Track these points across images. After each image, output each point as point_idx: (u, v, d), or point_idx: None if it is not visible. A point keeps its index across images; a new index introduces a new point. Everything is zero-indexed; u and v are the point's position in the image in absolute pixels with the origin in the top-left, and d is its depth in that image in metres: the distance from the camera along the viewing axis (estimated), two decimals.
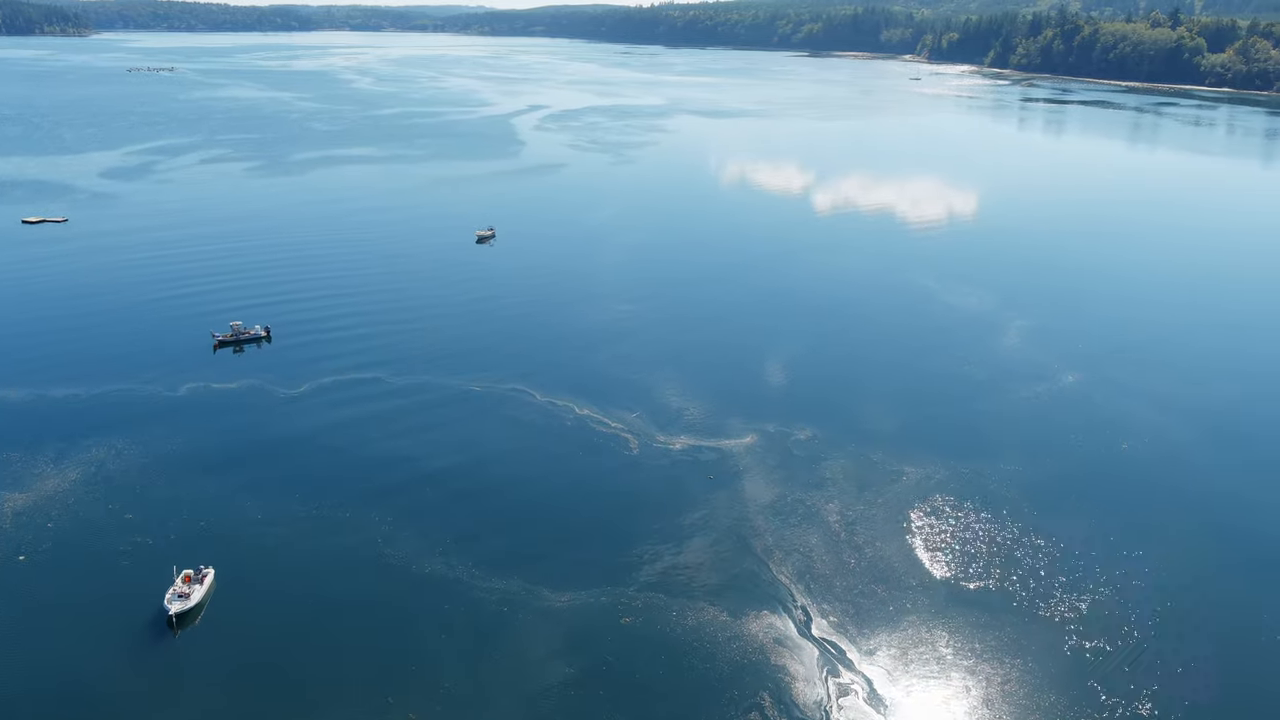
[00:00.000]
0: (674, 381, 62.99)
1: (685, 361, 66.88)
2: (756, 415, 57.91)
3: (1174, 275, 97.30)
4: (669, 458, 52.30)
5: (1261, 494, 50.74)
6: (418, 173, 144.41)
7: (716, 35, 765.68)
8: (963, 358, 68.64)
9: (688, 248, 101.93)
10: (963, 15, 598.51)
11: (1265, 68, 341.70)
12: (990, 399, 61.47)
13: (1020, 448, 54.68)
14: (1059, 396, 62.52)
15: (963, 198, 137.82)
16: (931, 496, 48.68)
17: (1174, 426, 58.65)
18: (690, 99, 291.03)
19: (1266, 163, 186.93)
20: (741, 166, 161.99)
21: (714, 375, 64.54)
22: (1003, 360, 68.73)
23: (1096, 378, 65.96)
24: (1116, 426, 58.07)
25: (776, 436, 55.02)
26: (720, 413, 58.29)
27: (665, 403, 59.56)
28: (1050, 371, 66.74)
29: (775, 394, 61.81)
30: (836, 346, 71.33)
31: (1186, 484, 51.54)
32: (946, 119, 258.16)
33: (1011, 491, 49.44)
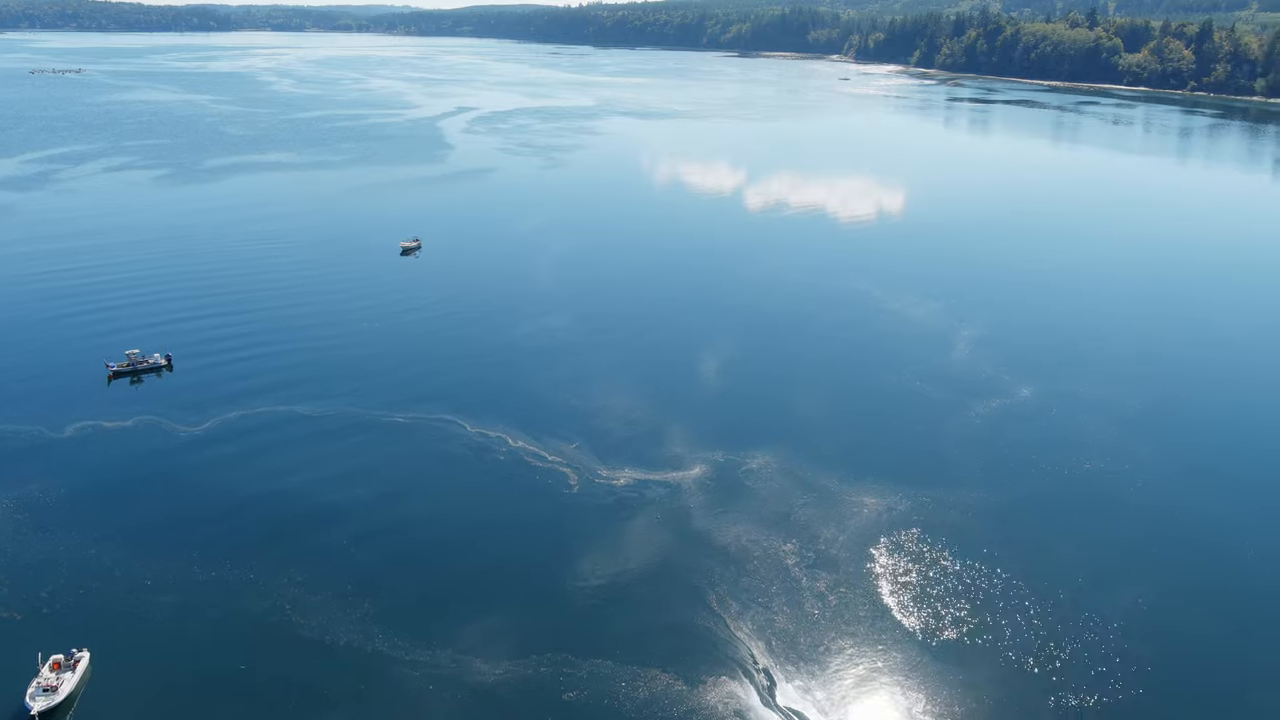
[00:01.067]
0: (615, 405, 58.85)
1: (626, 382, 62.79)
2: (704, 441, 54.08)
3: (1109, 273, 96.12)
4: (613, 495, 48.09)
5: (1231, 508, 48.57)
6: (339, 179, 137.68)
7: (645, 35, 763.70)
8: (914, 372, 65.75)
9: (623, 256, 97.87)
10: (888, 15, 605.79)
11: (1179, 67, 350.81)
12: (946, 417, 58.55)
13: (981, 471, 51.79)
14: (1015, 412, 59.96)
15: (897, 200, 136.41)
16: (895, 531, 45.34)
17: (1133, 440, 56.42)
18: (621, 100, 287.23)
19: (1183, 160, 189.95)
20: (675, 169, 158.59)
21: (657, 396, 60.55)
22: (954, 374, 66.03)
23: (1050, 390, 63.65)
24: (1077, 443, 55.62)
25: (726, 466, 51.22)
26: (666, 440, 54.33)
27: (607, 430, 55.38)
28: (1004, 385, 64.24)
29: (722, 416, 58.02)
30: (782, 362, 67.85)
31: (1155, 504, 49.11)
32: (877, 119, 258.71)
33: (977, 522, 46.38)
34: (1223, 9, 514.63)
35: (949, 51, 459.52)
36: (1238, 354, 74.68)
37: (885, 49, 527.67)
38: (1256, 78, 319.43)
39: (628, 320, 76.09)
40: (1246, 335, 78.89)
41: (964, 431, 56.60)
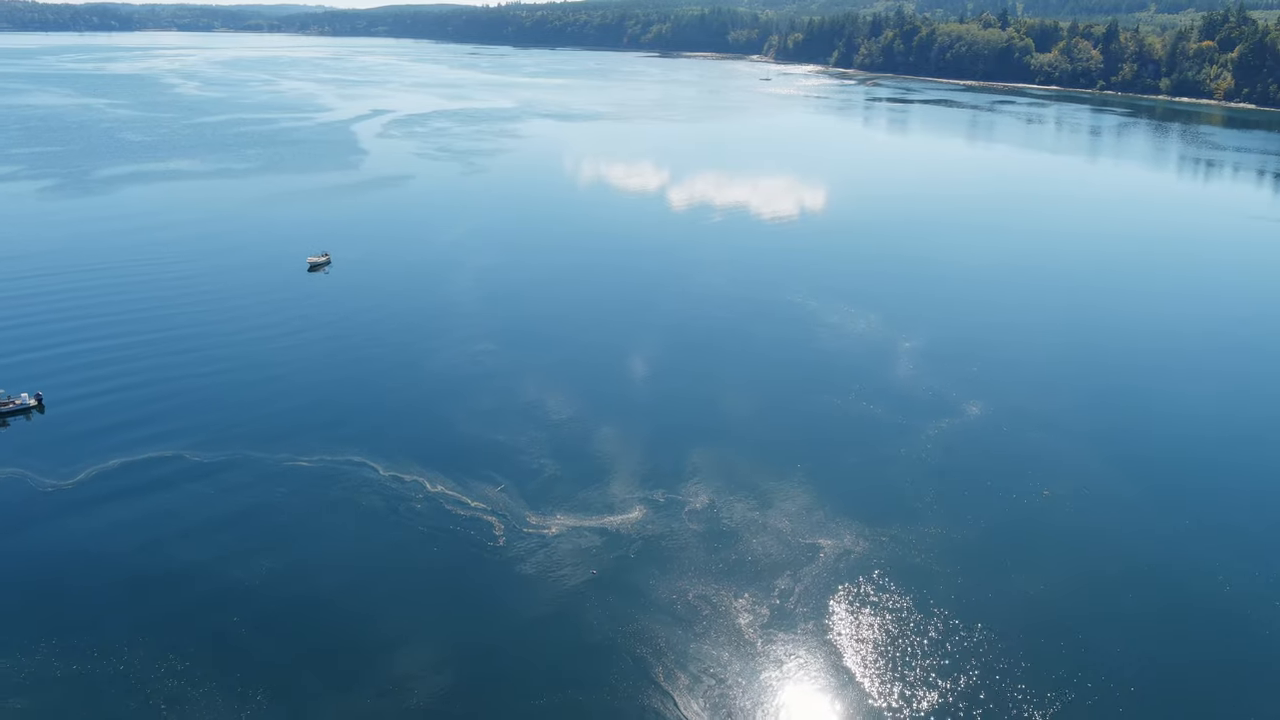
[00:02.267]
0: (544, 439, 54.04)
1: (555, 411, 58.00)
2: (642, 478, 49.70)
3: (1033, 272, 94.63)
4: (544, 547, 43.32)
5: (1190, 530, 46.06)
6: (243, 189, 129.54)
7: (565, 35, 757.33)
8: (859, 392, 62.38)
9: (550, 269, 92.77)
10: (806, 16, 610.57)
11: (1088, 67, 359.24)
12: (896, 443, 55.17)
13: (938, 503, 48.43)
14: (966, 434, 56.92)
15: (825, 203, 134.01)
16: (854, 580, 41.55)
17: (1083, 459, 53.85)
18: (542, 101, 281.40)
19: (1096, 157, 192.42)
20: (600, 174, 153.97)
21: (590, 427, 55.95)
22: (900, 392, 62.85)
23: (997, 406, 60.91)
24: (1032, 467, 52.77)
25: (668, 508, 46.89)
26: (601, 477, 49.77)
27: (536, 468, 50.55)
28: (951, 402, 61.27)
29: (661, 448, 53.66)
30: (722, 387, 63.75)
31: (1115, 532, 46.31)
32: (800, 120, 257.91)
33: (940, 564, 42.90)
34: (1123, 10, 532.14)
35: (867, 52, 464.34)
36: (1169, 348, 73.49)
37: (804, 49, 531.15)
38: (1161, 77, 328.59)
39: (556, 341, 71.20)
40: (1173, 327, 77.83)
41: (916, 458, 53.24)
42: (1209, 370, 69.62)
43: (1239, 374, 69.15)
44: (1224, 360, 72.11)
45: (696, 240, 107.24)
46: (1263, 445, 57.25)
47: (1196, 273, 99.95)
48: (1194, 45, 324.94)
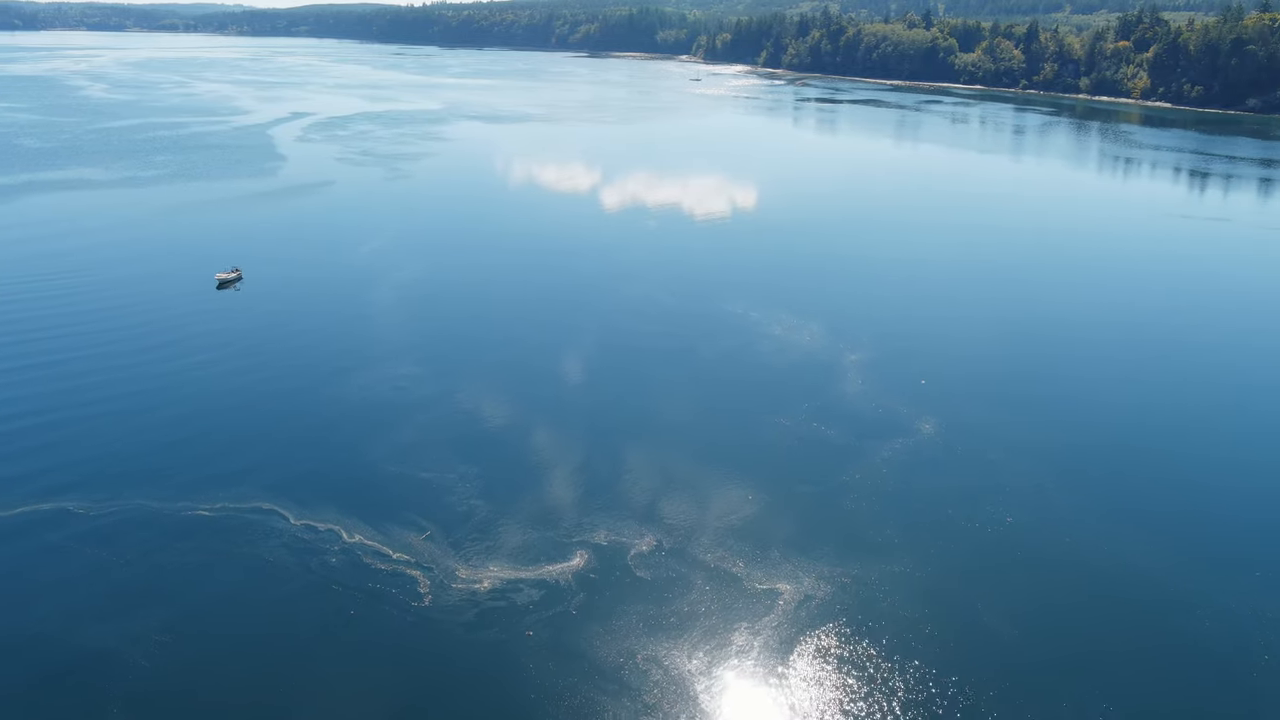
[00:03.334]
0: (474, 475, 49.64)
1: (486, 443, 53.64)
2: (582, 518, 45.68)
3: (975, 276, 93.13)
4: (474, 606, 39.02)
5: (1165, 559, 43.77)
6: (149, 198, 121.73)
7: (492, 36, 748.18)
8: (808, 412, 59.23)
9: (478, 283, 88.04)
10: (733, 16, 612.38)
11: (1010, 66, 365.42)
12: (850, 467, 52.06)
13: (899, 536, 45.38)
14: (921, 455, 54.10)
15: (760, 207, 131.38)
16: (817, 628, 38.15)
17: (1041, 477, 51.43)
18: (469, 103, 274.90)
19: (1021, 156, 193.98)
20: (530, 178, 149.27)
21: (522, 461, 51.72)
22: (850, 411, 59.88)
23: (950, 422, 58.32)
24: (990, 491, 50.11)
25: (612, 552, 42.95)
26: (536, 519, 45.61)
27: (464, 511, 46.15)
28: (903, 420, 58.50)
29: (601, 483, 49.71)
30: (663, 410, 59.98)
31: (1088, 564, 43.78)
32: (731, 120, 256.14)
33: (906, 609, 39.74)
34: (1040, 10, 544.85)
35: (795, 52, 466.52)
36: (1106, 349, 71.86)
37: (733, 49, 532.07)
38: (1080, 76, 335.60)
39: (485, 363, 66.66)
40: (1108, 327, 76.32)
41: (872, 485, 50.16)
42: (1152, 371, 68.24)
43: (1185, 373, 67.88)
44: (1167, 361, 70.92)
45: (632, 248, 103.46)
46: (1221, 448, 55.67)
47: (1129, 271, 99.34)
48: (1111, 45, 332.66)
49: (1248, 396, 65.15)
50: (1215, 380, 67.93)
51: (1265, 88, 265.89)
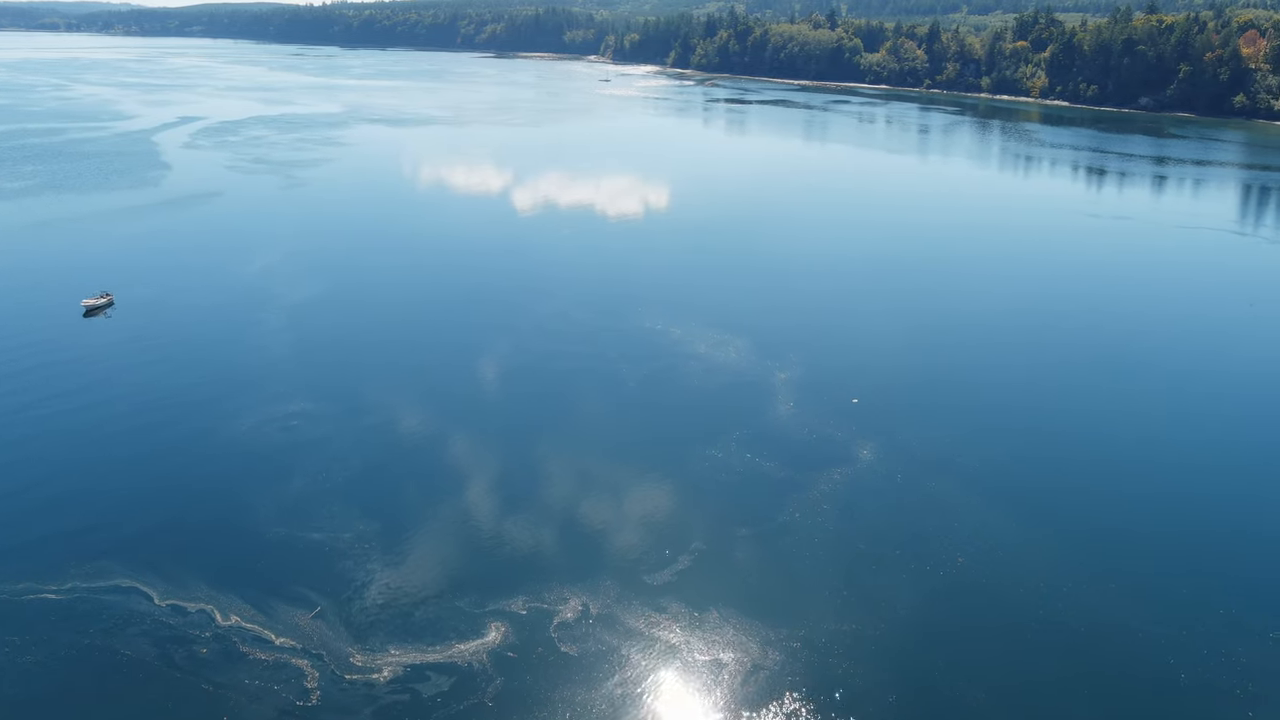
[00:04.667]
0: (373, 535, 43.94)
1: (386, 495, 47.91)
2: (497, 582, 40.52)
3: (895, 279, 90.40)
4: (372, 701, 33.53)
5: (1125, 597, 40.84)
6: (12, 213, 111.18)
7: (396, 36, 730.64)
8: (739, 440, 55.10)
9: (375, 300, 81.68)
10: (640, 16, 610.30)
11: (914, 66, 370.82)
12: (788, 505, 48.02)
13: (847, 586, 41.45)
14: (861, 486, 50.43)
15: (675, 212, 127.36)
16: (767, 707, 33.77)
17: (990, 510, 48.29)
18: (371, 105, 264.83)
19: (931, 155, 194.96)
20: (434, 185, 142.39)
21: (428, 514, 46.20)
22: (784, 438, 55.96)
23: (887, 447, 54.96)
24: (936, 526, 46.67)
25: (531, 622, 37.89)
26: (444, 585, 40.27)
27: (362, 580, 40.48)
28: (839, 447, 54.86)
29: (516, 536, 44.58)
30: (580, 443, 55.08)
31: (1046, 607, 40.54)
32: (642, 122, 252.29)
33: (862, 675, 35.74)
34: (939, 11, 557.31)
35: (703, 52, 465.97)
36: (1031, 352, 69.83)
37: (641, 49, 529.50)
38: (982, 76, 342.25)
39: (388, 398, 60.57)
40: (1029, 326, 74.51)
41: (812, 525, 46.21)
42: (1078, 374, 66.28)
43: (1113, 374, 65.95)
44: (1091, 363, 68.93)
45: (545, 260, 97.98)
46: (1167, 451, 53.53)
47: (1045, 272, 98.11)
48: (1009, 46, 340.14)
49: (1188, 397, 63.49)
50: (1148, 380, 66.27)
51: (1156, 87, 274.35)
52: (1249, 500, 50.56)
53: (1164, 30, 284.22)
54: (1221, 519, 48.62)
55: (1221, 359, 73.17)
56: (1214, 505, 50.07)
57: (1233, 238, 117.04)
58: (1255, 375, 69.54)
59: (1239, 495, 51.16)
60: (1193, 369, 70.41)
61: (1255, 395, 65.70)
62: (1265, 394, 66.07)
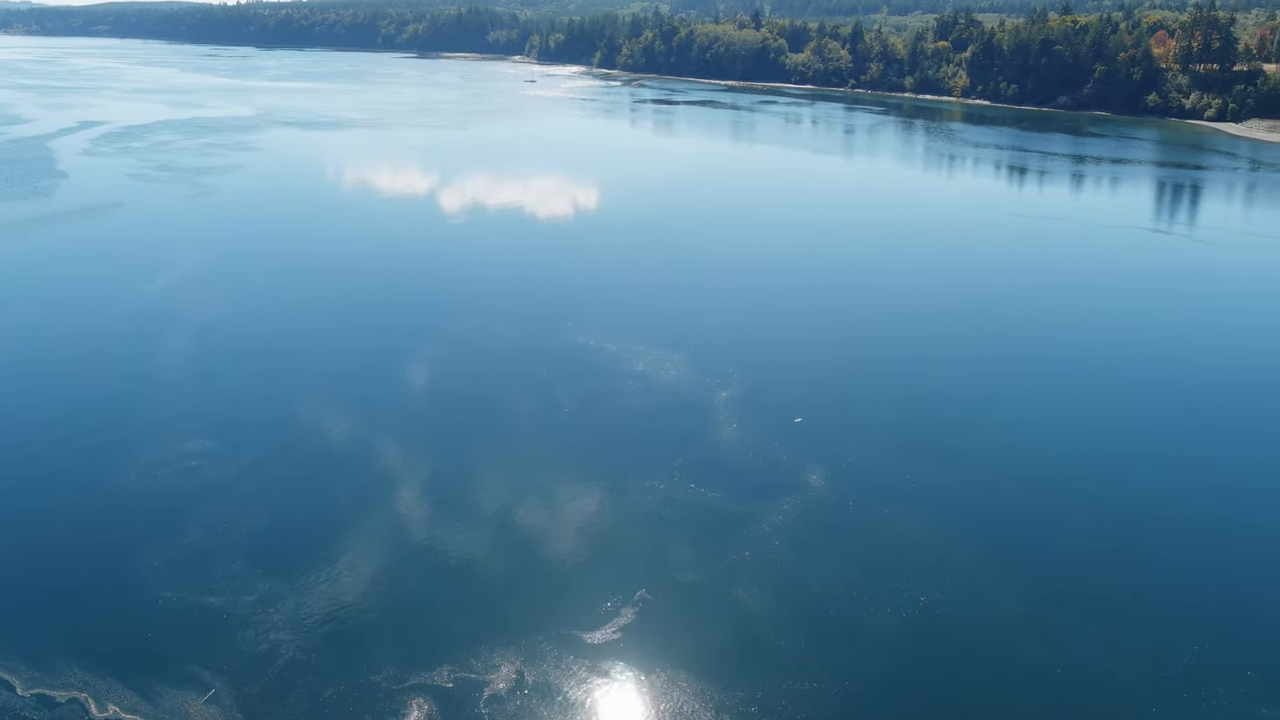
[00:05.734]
0: (278, 597, 39.19)
1: (294, 548, 43.12)
2: (419, 647, 36.27)
3: (831, 284, 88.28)
4: None
5: (1100, 642, 38.41)
6: None
7: (314, 36, 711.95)
8: (681, 469, 51.57)
9: (289, 323, 76.28)
10: (564, 16, 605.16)
11: (838, 66, 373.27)
12: (737, 542, 44.62)
13: (804, 636, 38.14)
14: (813, 518, 47.27)
15: (606, 219, 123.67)
16: None
17: (946, 539, 45.59)
18: (287, 108, 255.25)
19: (854, 155, 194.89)
20: (351, 192, 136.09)
21: (340, 570, 41.57)
22: (728, 464, 52.62)
23: (837, 472, 52.02)
24: (894, 560, 43.79)
25: (458, 698, 33.64)
26: (359, 656, 35.82)
27: (264, 652, 35.77)
28: (787, 473, 51.73)
29: (438, 590, 40.30)
30: (511, 477, 50.92)
31: (1020, 657, 37.86)
32: (569, 124, 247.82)
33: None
34: (860, 11, 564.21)
35: (629, 52, 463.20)
36: (972, 360, 67.78)
37: (567, 50, 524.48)
38: (905, 75, 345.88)
39: (294, 432, 55.49)
40: (970, 331, 72.75)
41: (766, 567, 42.86)
42: (1021, 382, 64.42)
43: (1066, 390, 64.23)
44: (1038, 369, 67.24)
45: (468, 271, 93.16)
46: (1118, 478, 51.61)
47: (979, 274, 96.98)
48: (931, 46, 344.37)
49: (1148, 407, 61.89)
50: (1098, 385, 64.59)
51: (1073, 86, 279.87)
52: (1221, 518, 48.80)
53: (1079, 31, 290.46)
54: (1192, 538, 46.73)
55: (1181, 363, 72.20)
56: (1184, 524, 48.18)
57: (1158, 236, 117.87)
58: (1216, 380, 68.57)
59: (1211, 514, 49.37)
60: (1147, 375, 69.09)
61: (1223, 403, 64.52)
62: (1229, 400, 64.99)
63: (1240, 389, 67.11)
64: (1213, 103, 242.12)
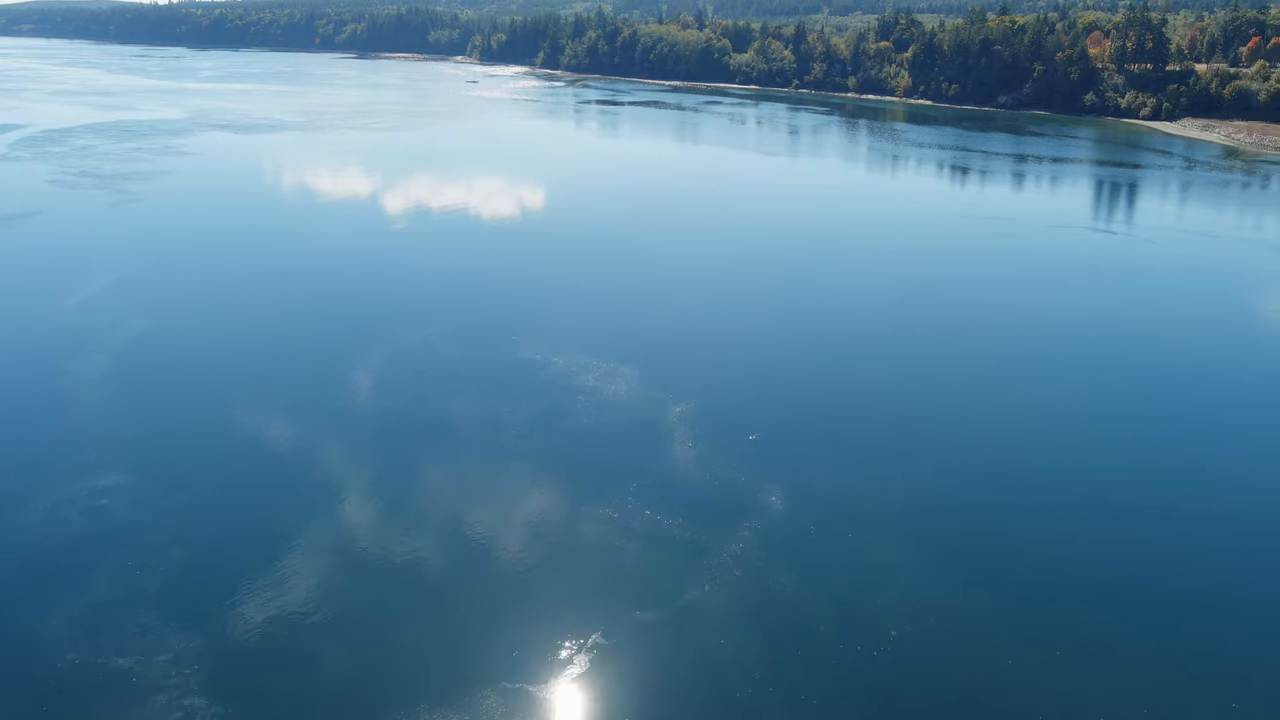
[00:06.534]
0: (195, 656, 35.60)
1: (215, 599, 39.43)
2: (349, 711, 32.92)
3: (776, 289, 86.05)
4: None
5: (1075, 672, 36.55)
6: None
7: (250, 36, 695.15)
8: (635, 495, 48.81)
9: (216, 341, 71.85)
10: (506, 16, 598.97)
11: (782, 66, 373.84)
12: (697, 575, 42.01)
13: (772, 681, 35.66)
14: (774, 545, 44.80)
15: (548, 225, 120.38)
16: None
17: (922, 568, 43.56)
18: (220, 110, 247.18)
19: (799, 155, 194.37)
20: (284, 201, 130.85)
21: (263, 624, 38.05)
22: (684, 488, 50.01)
23: (798, 494, 49.76)
24: (866, 594, 41.58)
25: None
26: (286, 711, 32.38)
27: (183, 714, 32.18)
28: (746, 496, 49.28)
29: (371, 643, 37.02)
30: (454, 509, 47.79)
31: (998, 695, 35.79)
32: (513, 125, 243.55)
33: None
34: (802, 11, 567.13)
35: (572, 52, 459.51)
36: (925, 372, 66.02)
37: (509, 50, 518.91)
38: (848, 75, 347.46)
39: (215, 470, 51.53)
40: (922, 340, 71.23)
41: (728, 602, 40.29)
42: (986, 399, 62.85)
43: (1025, 399, 62.81)
44: (1000, 383, 65.80)
45: (407, 281, 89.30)
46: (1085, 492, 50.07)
47: (931, 279, 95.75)
48: (873, 46, 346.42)
49: (1115, 419, 60.67)
50: (1061, 392, 63.28)
51: (1013, 85, 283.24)
52: (1195, 539, 47.43)
53: (1017, 31, 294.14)
54: (1163, 556, 45.24)
55: (1128, 359, 71.30)
56: (1157, 546, 46.69)
57: (1100, 235, 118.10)
58: (1166, 375, 67.76)
59: (1185, 535, 47.99)
60: (1100, 376, 67.98)
61: (1174, 398, 63.60)
62: (1180, 395, 64.10)
63: (1189, 382, 66.42)
64: (1148, 102, 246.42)
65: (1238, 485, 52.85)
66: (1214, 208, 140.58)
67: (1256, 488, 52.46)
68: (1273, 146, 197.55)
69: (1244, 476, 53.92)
